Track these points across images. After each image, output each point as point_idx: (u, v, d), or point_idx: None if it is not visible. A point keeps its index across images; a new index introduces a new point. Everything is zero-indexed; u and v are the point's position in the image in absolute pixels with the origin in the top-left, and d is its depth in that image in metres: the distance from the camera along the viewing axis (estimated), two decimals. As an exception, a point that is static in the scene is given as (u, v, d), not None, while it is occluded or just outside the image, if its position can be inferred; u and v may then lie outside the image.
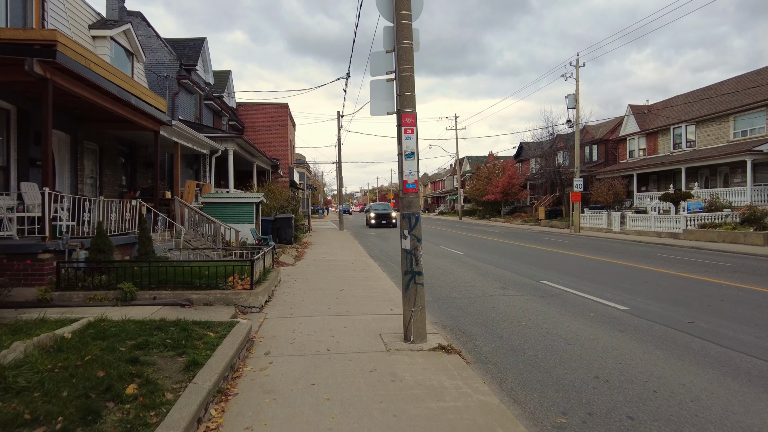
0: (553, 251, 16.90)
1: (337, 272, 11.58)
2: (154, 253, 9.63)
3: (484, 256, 15.52)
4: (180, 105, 18.02)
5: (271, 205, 19.00)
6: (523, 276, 11.21)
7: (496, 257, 15.05)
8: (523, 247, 18.51)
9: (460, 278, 10.93)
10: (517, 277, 11.12)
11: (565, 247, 18.81)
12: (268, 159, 24.38)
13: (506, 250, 17.57)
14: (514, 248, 18.19)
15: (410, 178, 5.55)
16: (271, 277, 9.01)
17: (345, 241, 21.49)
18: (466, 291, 9.41)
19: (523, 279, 10.80)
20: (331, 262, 13.75)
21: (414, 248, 5.54)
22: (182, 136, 13.23)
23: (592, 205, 32.52)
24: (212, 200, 14.46)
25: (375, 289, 9.24)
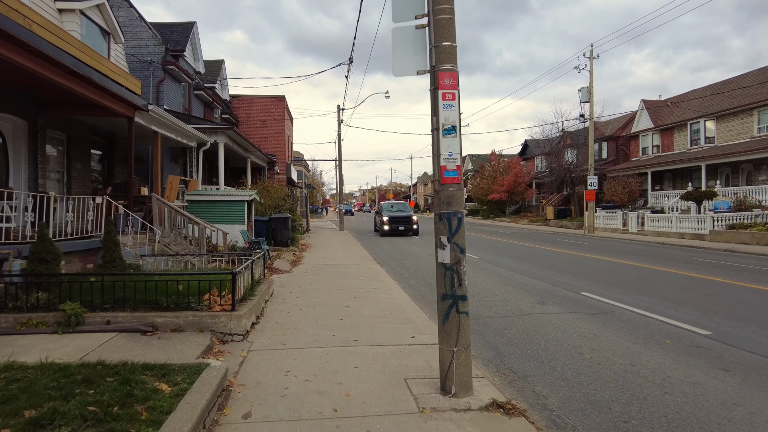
0: (575, 254, 15.32)
1: (340, 281, 9.97)
2: (121, 260, 8.02)
3: (502, 260, 13.91)
4: (166, 94, 16.39)
5: (266, 204, 17.37)
6: (556, 286, 9.61)
7: (516, 262, 13.44)
8: (541, 250, 16.93)
9: (486, 290, 9.31)
10: (549, 287, 9.52)
11: (586, 249, 17.23)
12: (263, 155, 22.74)
13: (523, 253, 15.98)
14: (531, 251, 16.60)
15: (451, 163, 3.94)
16: (261, 290, 7.39)
17: (346, 243, 19.88)
18: (498, 307, 7.80)
19: (558, 290, 9.20)
20: (333, 268, 12.13)
21: (456, 262, 3.93)
22: (163, 125, 11.60)
23: (605, 204, 30.97)
24: (198, 198, 12.84)
25: (387, 304, 7.63)
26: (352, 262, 13.23)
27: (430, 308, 7.74)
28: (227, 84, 25.08)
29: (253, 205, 14.55)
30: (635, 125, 35.24)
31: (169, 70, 16.38)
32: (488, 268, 12.15)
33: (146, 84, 15.97)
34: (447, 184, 3.96)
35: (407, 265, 13.29)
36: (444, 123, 3.93)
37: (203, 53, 21.12)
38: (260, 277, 8.31)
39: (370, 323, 6.36)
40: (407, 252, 16.91)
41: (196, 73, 20.04)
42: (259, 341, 5.56)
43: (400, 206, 27.36)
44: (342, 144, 30.27)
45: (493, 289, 9.38)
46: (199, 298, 5.84)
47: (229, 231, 12.54)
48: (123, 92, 9.20)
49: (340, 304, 7.64)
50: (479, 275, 11.06)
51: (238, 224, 12.85)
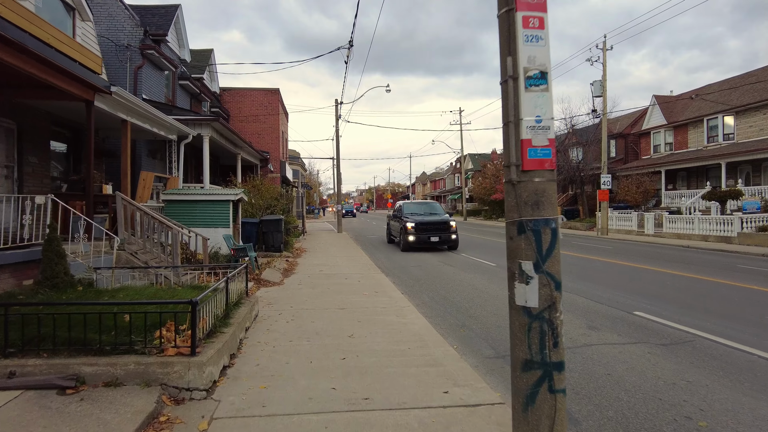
0: (601, 260, 13.72)
1: (340, 297, 8.32)
2: (66, 275, 6.38)
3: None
4: (145, 81, 14.70)
5: (257, 205, 15.70)
6: (599, 302, 8.00)
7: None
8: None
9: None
10: (593, 304, 7.90)
11: (607, 253, 15.65)
12: (255, 151, 21.07)
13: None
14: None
15: (539, 135, 2.31)
16: (240, 315, 5.74)
17: (345, 247, 18.22)
18: (540, 335, 6.16)
19: (604, 308, 7.58)
20: (331, 278, 10.48)
21: (549, 306, 2.30)
22: (132, 112, 9.92)
23: (616, 204, 29.43)
24: (176, 197, 11.17)
25: (401, 332, 5.99)
26: (352, 271, 11.59)
27: (454, 335, 6.11)
28: (217, 76, 23.39)
29: (241, 206, 12.88)
30: (646, 122, 33.75)
31: (149, 56, 14.70)
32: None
33: (122, 70, 14.31)
34: (532, 172, 2.32)
35: (417, 275, 11.66)
36: (528, 66, 2.30)
37: (194, 44, 19.46)
38: (241, 296, 6.66)
39: (383, 366, 4.71)
40: (413, 256, 15.28)
41: (181, 61, 18.36)
42: (228, 400, 3.90)
43: (427, 207, 19.49)
44: (340, 141, 28.59)
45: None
46: (146, 336, 4.17)
47: (211, 236, 10.88)
48: (76, 69, 7.53)
49: (342, 332, 5.99)
50: (504, 288, 9.43)
51: (222, 227, 11.19)
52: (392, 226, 19.87)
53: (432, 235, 16.45)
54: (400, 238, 17.17)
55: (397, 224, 18.54)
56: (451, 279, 10.70)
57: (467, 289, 9.45)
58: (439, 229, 16.63)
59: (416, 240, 16.38)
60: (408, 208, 18.92)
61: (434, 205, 20.20)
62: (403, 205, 19.19)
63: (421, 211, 18.61)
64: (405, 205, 19.20)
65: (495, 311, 7.49)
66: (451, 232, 16.65)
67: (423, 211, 18.65)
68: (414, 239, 16.39)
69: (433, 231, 16.55)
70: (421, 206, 19.44)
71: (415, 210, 18.65)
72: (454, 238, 16.69)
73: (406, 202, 20.08)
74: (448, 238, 16.67)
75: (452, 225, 16.85)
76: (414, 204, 19.85)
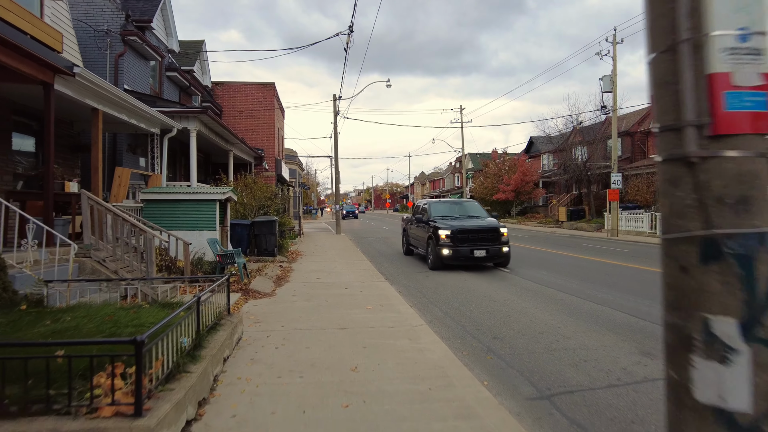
0: (626, 266, 12.60)
1: (340, 312, 7.17)
2: (7, 291, 5.25)
3: (539, 274, 11.18)
4: (127, 71, 13.52)
5: (249, 205, 14.54)
6: (644, 318, 6.86)
7: (558, 276, 10.71)
8: (575, 258, 14.22)
9: (550, 327, 6.53)
10: (635, 321, 6.77)
11: (623, 257, 14.53)
12: (249, 148, 19.90)
13: (557, 262, 13.25)
14: (564, 260, 13.88)
15: (743, 66, 1.14)
16: (215, 345, 4.58)
17: (344, 250, 17.07)
18: (585, 364, 5.02)
19: (650, 326, 6.45)
20: (329, 287, 9.33)
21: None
22: (104, 100, 8.75)
23: (625, 204, 28.37)
24: (157, 197, 10.00)
25: (418, 363, 4.84)
26: (353, 278, 10.44)
27: (481, 365, 4.97)
28: (209, 69, 22.21)
29: (230, 206, 11.71)
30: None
31: (131, 42, 13.51)
32: (531, 288, 9.38)
33: (101, 58, 13.12)
34: (733, 138, 1.17)
35: (428, 286, 10.53)
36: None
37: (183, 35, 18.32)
38: (221, 316, 5.50)
39: (399, 419, 3.56)
40: (417, 264, 14.13)
41: (168, 51, 17.17)
42: (184, 483, 2.74)
43: (462, 207, 14.51)
44: (338, 139, 27.46)
45: (559, 324, 6.60)
46: (74, 387, 3.01)
47: (196, 240, 9.72)
48: (28, 43, 6.37)
49: (343, 363, 4.83)
50: (528, 301, 8.28)
51: (207, 230, 10.02)
52: (412, 232, 14.99)
53: (476, 247, 11.83)
54: (428, 251, 12.60)
55: (420, 231, 13.82)
56: (473, 289, 9.57)
57: (491, 303, 8.32)
58: (486, 239, 12.00)
59: (453, 254, 11.78)
60: (437, 208, 13.96)
61: (471, 205, 14.91)
62: (430, 205, 14.16)
63: (454, 212, 13.86)
64: (432, 205, 14.19)
65: (521, 329, 6.35)
66: (501, 242, 12.08)
67: (457, 212, 13.90)
68: (450, 253, 11.80)
69: (477, 242, 11.95)
70: (453, 206, 14.41)
71: (446, 211, 13.85)
72: (506, 252, 12.15)
73: (434, 201, 15.17)
74: (498, 252, 12.00)
75: (503, 233, 12.17)
76: (444, 204, 14.81)
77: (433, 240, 12.22)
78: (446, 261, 11.95)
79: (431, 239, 12.44)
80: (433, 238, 12.23)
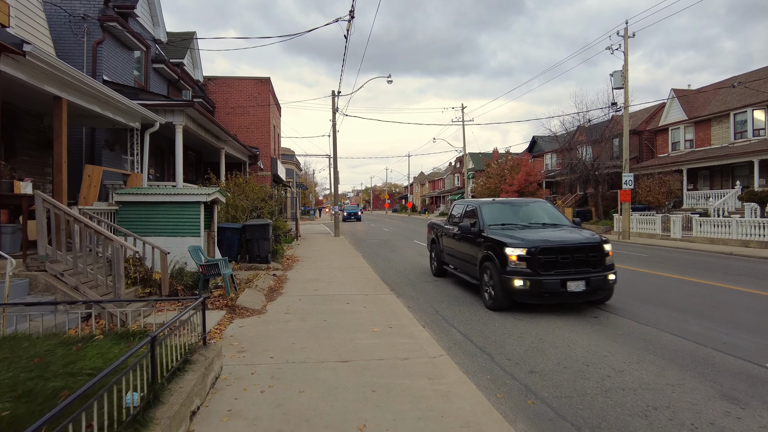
0: (644, 273, 11.50)
1: (342, 335, 6.04)
2: None
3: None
4: (106, 60, 12.35)
5: (241, 207, 13.39)
6: (702, 344, 5.75)
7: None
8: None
9: (596, 356, 5.39)
10: (693, 346, 5.65)
11: (644, 263, 13.44)
12: (243, 146, 18.75)
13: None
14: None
15: None
16: (178, 398, 3.45)
17: (343, 255, 15.93)
18: (659, 415, 3.90)
19: (718, 356, 5.33)
20: (328, 301, 8.20)
21: None
22: (68, 87, 7.59)
23: (635, 205, 27.29)
24: (134, 198, 8.85)
25: (444, 417, 3.72)
26: (354, 289, 9.31)
27: (524, 416, 3.81)
28: (201, 63, 21.04)
29: (217, 209, 10.57)
30: (664, 117, 31.64)
31: (110, 29, 12.35)
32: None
33: (78, 46, 11.97)
34: None
35: (437, 297, 9.41)
36: None
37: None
38: (192, 350, 4.37)
39: None
40: (420, 272, 12.98)
41: (155, 42, 16.01)
42: None
43: (529, 210, 9.51)
44: (337, 137, 26.28)
45: (605, 352, 5.46)
46: None
47: (177, 247, 8.59)
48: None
49: (347, 418, 3.70)
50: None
51: (190, 236, 8.88)
52: (450, 246, 10.35)
53: (570, 275, 7.29)
54: (485, 280, 8.06)
55: (465, 246, 9.19)
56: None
57: (514, 327, 7.19)
58: (584, 262, 7.43)
59: (533, 287, 7.26)
60: (492, 212, 9.09)
61: (542, 207, 9.64)
62: (481, 207, 9.24)
63: (519, 217, 9.05)
64: (485, 208, 9.23)
65: (560, 360, 5.23)
66: (606, 267, 7.58)
67: (524, 217, 9.08)
68: (527, 286, 7.28)
69: (570, 267, 7.37)
70: (515, 209, 9.37)
71: (508, 216, 9.05)
72: (612, 281, 7.58)
73: (484, 201, 9.89)
74: (602, 282, 7.46)
75: (608, 251, 7.69)
76: (502, 205, 9.54)
77: (496, 263, 7.62)
78: (519, 297, 7.42)
79: (490, 261, 7.84)
80: (495, 261, 7.65)
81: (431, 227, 12.21)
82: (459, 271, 9.98)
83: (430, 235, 12.22)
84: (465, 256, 9.36)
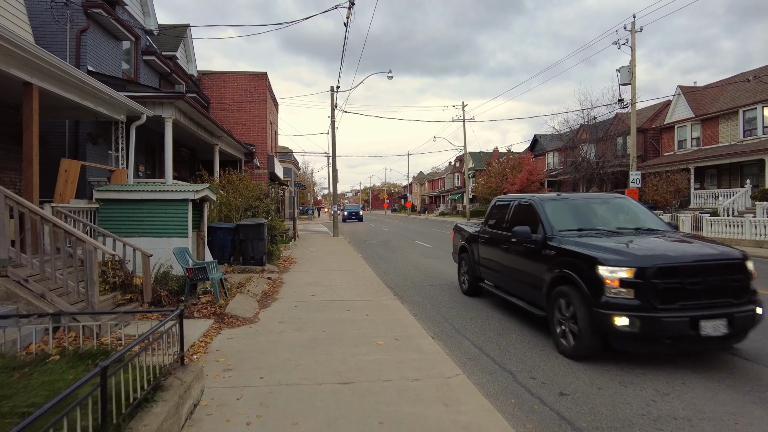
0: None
1: (342, 350, 5.35)
2: None
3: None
4: (91, 50, 11.63)
5: (234, 206, 12.68)
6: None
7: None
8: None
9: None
10: (747, 365, 4.96)
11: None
12: (238, 143, 18.04)
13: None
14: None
15: None
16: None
17: (343, 256, 15.23)
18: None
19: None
20: (327, 308, 7.51)
21: None
22: (39, 72, 6.87)
23: (643, 205, 26.63)
24: (115, 196, 8.13)
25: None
26: (355, 293, 8.62)
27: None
28: (195, 57, 20.30)
29: (207, 207, 9.86)
30: (669, 115, 30.99)
31: (95, 16, 11.63)
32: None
33: (60, 34, 11.25)
34: None
35: (442, 299, 8.73)
36: None
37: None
38: (165, 372, 3.68)
39: None
40: (424, 275, 12.27)
41: (146, 33, 15.29)
42: None
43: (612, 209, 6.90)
44: (336, 134, 25.59)
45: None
46: None
47: (163, 248, 7.89)
48: None
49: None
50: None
51: (177, 236, 8.17)
52: (488, 256, 8.00)
53: (703, 311, 4.74)
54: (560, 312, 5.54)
55: (519, 259, 6.81)
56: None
57: (529, 329, 6.50)
58: (722, 289, 4.94)
59: (646, 328, 4.69)
60: (560, 212, 6.60)
61: (628, 205, 7.24)
62: (543, 205, 6.68)
63: (601, 221, 6.56)
64: (548, 205, 6.68)
65: (591, 379, 4.55)
66: (750, 294, 5.09)
67: (608, 221, 6.58)
68: (637, 326, 4.71)
69: (704, 296, 4.87)
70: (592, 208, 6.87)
71: (584, 218, 6.56)
72: (760, 315, 5.02)
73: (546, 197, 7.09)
74: (749, 320, 4.95)
75: (751, 271, 5.14)
76: (572, 202, 6.96)
77: (581, 289, 5.17)
78: (622, 343, 4.97)
79: (570, 286, 5.39)
80: (581, 286, 5.18)
81: (459, 231, 9.75)
82: (506, 293, 7.28)
83: (457, 241, 9.69)
84: (519, 274, 6.73)
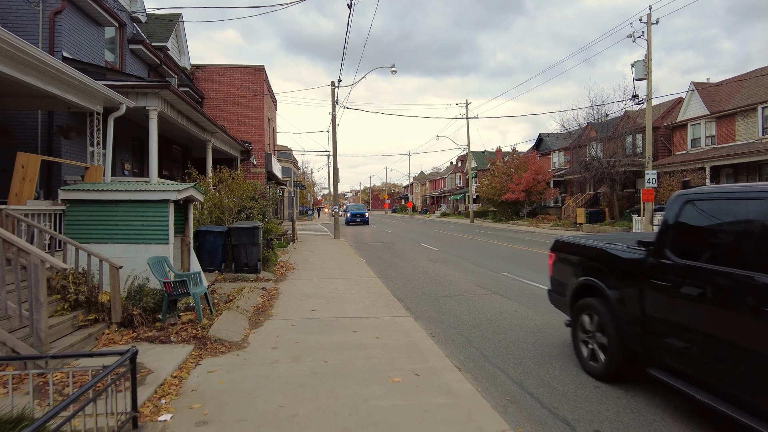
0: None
1: (350, 391, 4.24)
2: None
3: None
4: (67, 34, 10.51)
5: (227, 207, 11.55)
6: None
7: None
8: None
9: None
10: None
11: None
12: (233, 140, 16.91)
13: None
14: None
15: None
16: None
17: (345, 261, 14.11)
18: None
19: None
20: (329, 329, 6.39)
21: None
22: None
23: (656, 205, 25.53)
24: (85, 196, 7.02)
25: None
26: (362, 310, 7.50)
27: None
28: (187, 49, 19.18)
29: (193, 209, 8.74)
30: (682, 113, 29.92)
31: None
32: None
33: (32, 16, 10.14)
34: None
35: (460, 314, 7.62)
36: None
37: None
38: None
39: None
40: (440, 283, 11.16)
41: (133, 20, 14.17)
42: None
43: None
44: (337, 131, 24.45)
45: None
46: None
47: (140, 257, 6.78)
48: None
49: None
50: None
51: (156, 242, 7.05)
52: (681, 320, 3.66)
53: None
54: None
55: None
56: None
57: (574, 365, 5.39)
58: None
59: None
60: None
61: None
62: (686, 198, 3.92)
63: None
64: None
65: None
66: None
67: None
68: None
69: None
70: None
71: None
72: None
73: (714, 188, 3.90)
74: None
75: None
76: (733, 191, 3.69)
77: None
78: None
79: None
80: None
81: (574, 253, 5.38)
82: (725, 402, 3.31)
83: (570, 274, 5.34)
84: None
